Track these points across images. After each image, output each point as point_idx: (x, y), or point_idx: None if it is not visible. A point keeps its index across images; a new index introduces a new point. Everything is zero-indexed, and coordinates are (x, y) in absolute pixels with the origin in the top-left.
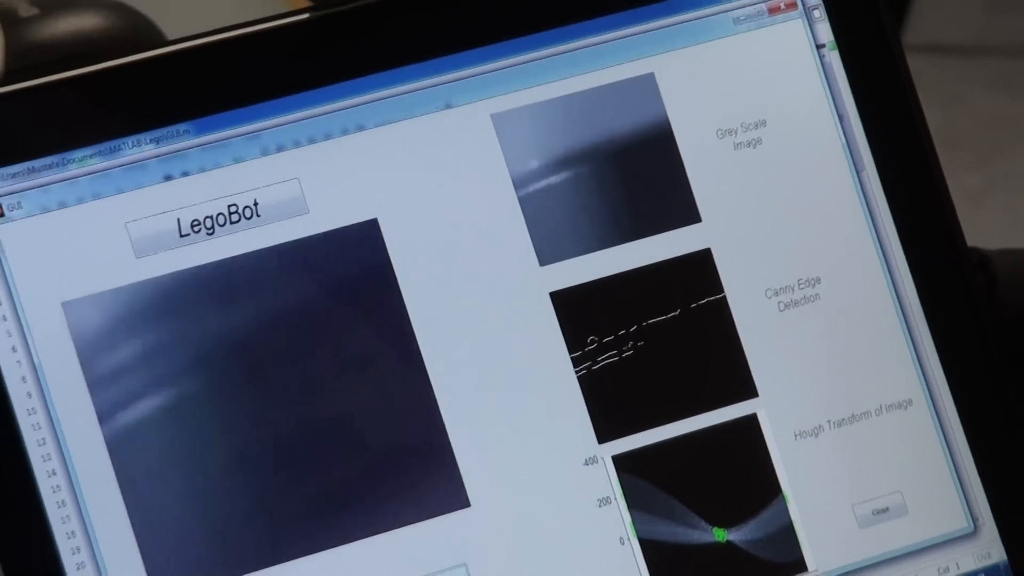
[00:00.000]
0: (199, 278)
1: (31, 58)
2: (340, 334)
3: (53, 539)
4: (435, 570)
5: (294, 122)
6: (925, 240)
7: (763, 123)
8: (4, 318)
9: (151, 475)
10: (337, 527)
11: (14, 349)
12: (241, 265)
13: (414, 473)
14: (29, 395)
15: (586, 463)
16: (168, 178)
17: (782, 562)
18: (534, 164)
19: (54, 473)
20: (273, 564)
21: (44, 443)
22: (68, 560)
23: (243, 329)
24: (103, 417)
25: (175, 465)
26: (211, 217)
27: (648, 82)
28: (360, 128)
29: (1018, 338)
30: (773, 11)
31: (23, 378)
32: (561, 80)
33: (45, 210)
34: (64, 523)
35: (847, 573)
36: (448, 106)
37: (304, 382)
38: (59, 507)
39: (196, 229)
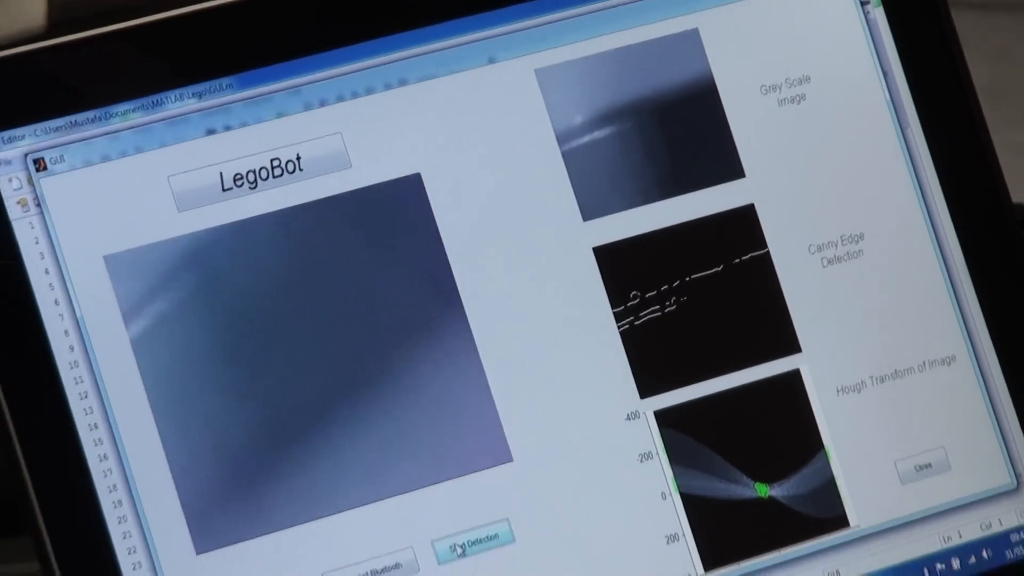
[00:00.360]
0: (242, 232)
1: (74, 12)
2: (382, 289)
3: (95, 490)
4: (477, 524)
5: (337, 77)
6: (969, 196)
7: (807, 79)
8: (47, 272)
9: (192, 430)
10: (380, 481)
11: (56, 303)
12: (284, 219)
13: (456, 427)
14: (71, 348)
15: (628, 418)
16: (211, 132)
17: (824, 517)
18: (578, 119)
19: (96, 427)
20: (316, 518)
21: (86, 396)
22: (105, 499)
23: (285, 283)
24: (145, 370)
25: (216, 418)
26: (254, 171)
27: (693, 38)
28: (403, 83)
29: None
30: None
31: (66, 332)
32: (605, 35)
33: (87, 164)
34: (106, 476)
35: (889, 529)
36: (492, 61)
37: (347, 337)
38: (101, 460)
39: (239, 183)
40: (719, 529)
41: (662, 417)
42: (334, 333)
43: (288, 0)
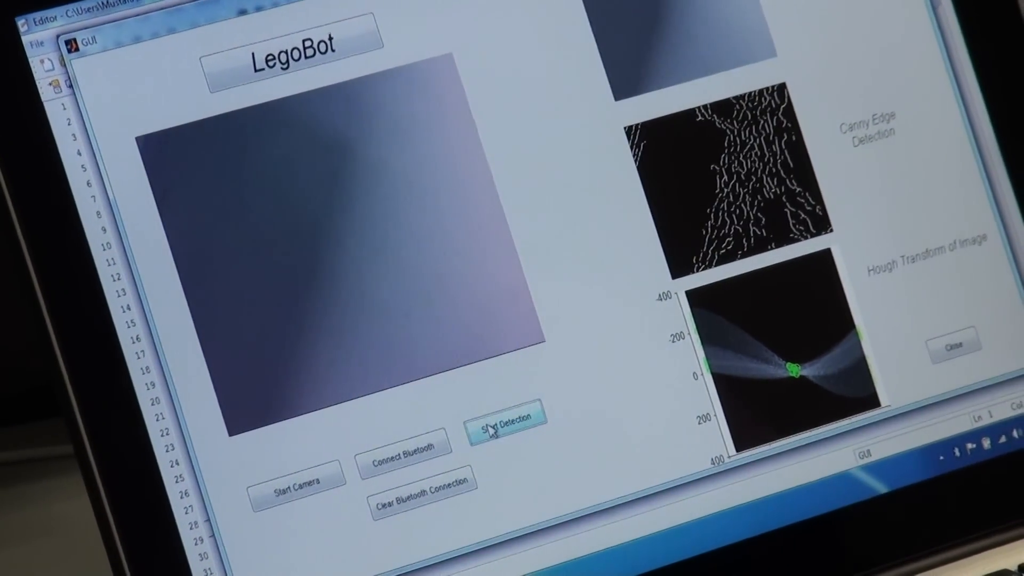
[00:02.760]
0: (274, 112)
1: None
2: (413, 170)
3: (129, 373)
4: (509, 405)
5: None
6: (1001, 74)
7: None
8: (79, 153)
9: (224, 313)
10: (411, 362)
11: (89, 184)
12: (315, 100)
13: (488, 308)
14: (104, 230)
15: (659, 298)
16: (243, 12)
17: (855, 397)
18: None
19: (128, 308)
20: (348, 400)
21: (119, 278)
22: (139, 381)
23: (316, 164)
24: (176, 252)
25: (247, 301)
26: (285, 52)
27: None
28: None
29: None
30: None
31: (98, 213)
32: None
33: (119, 45)
34: (139, 358)
35: (920, 408)
36: None
37: (377, 219)
38: (134, 342)
39: (270, 64)
40: (751, 409)
41: (694, 297)
42: (365, 216)
43: None
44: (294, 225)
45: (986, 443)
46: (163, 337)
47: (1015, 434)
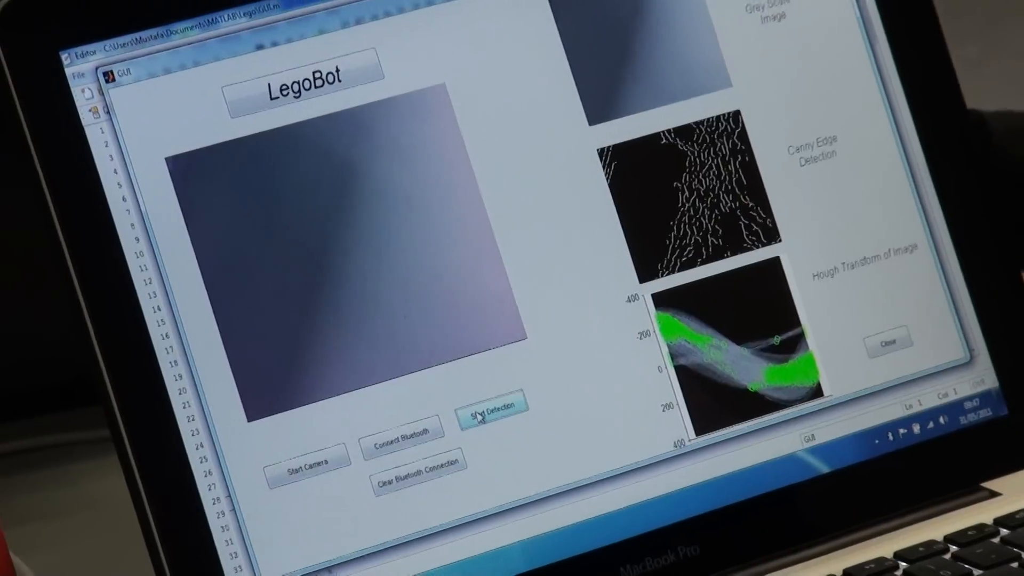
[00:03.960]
0: (288, 135)
1: None
2: (411, 186)
3: (159, 366)
4: (495, 395)
5: None
6: (930, 103)
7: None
8: (115, 172)
9: (243, 311)
10: (409, 357)
11: (124, 199)
12: (324, 124)
13: (477, 309)
14: (137, 240)
15: (628, 300)
16: (260, 47)
17: (801, 387)
18: (584, 36)
19: (159, 309)
20: (353, 390)
21: (151, 283)
22: (168, 373)
23: (325, 181)
24: (201, 259)
25: (264, 301)
26: (298, 82)
27: None
28: (430, 3)
29: (1009, 186)
30: None
31: (132, 225)
32: None
33: (151, 75)
34: (168, 353)
35: (858, 398)
36: None
37: (380, 228)
38: (163, 339)
39: (284, 93)
40: (709, 398)
41: (659, 299)
42: (369, 227)
43: None
44: (305, 235)
45: (916, 428)
46: (189, 335)
47: (941, 420)
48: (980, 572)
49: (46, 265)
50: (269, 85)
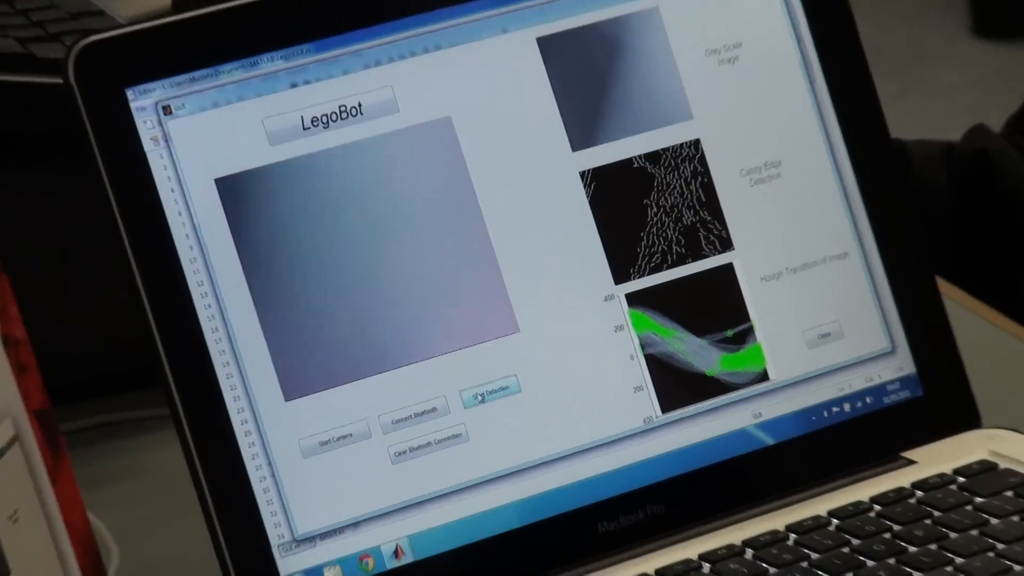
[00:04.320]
0: (318, 160)
1: None
2: (422, 202)
3: (209, 354)
4: (493, 379)
5: (388, 43)
6: (859, 132)
7: (739, 45)
8: (172, 190)
9: (281, 309)
10: (424, 347)
11: (180, 214)
12: (349, 150)
13: (479, 307)
14: (191, 248)
15: (605, 299)
16: (294, 85)
17: (751, 373)
18: (568, 76)
19: (210, 306)
20: (373, 375)
21: (202, 284)
22: (217, 361)
23: (349, 197)
24: (244, 261)
25: (298, 300)
26: (326, 115)
27: (655, 15)
28: (438, 48)
29: (924, 204)
30: None
31: (187, 235)
32: (587, 12)
33: (202, 109)
34: (217, 343)
35: (798, 381)
36: (504, 31)
37: (396, 239)
38: (214, 332)
39: (315, 124)
40: (673, 381)
41: (631, 298)
42: (387, 237)
43: None
44: (333, 244)
45: (847, 407)
46: (235, 329)
47: (867, 400)
48: (898, 527)
49: (116, 270)
50: (302, 117)
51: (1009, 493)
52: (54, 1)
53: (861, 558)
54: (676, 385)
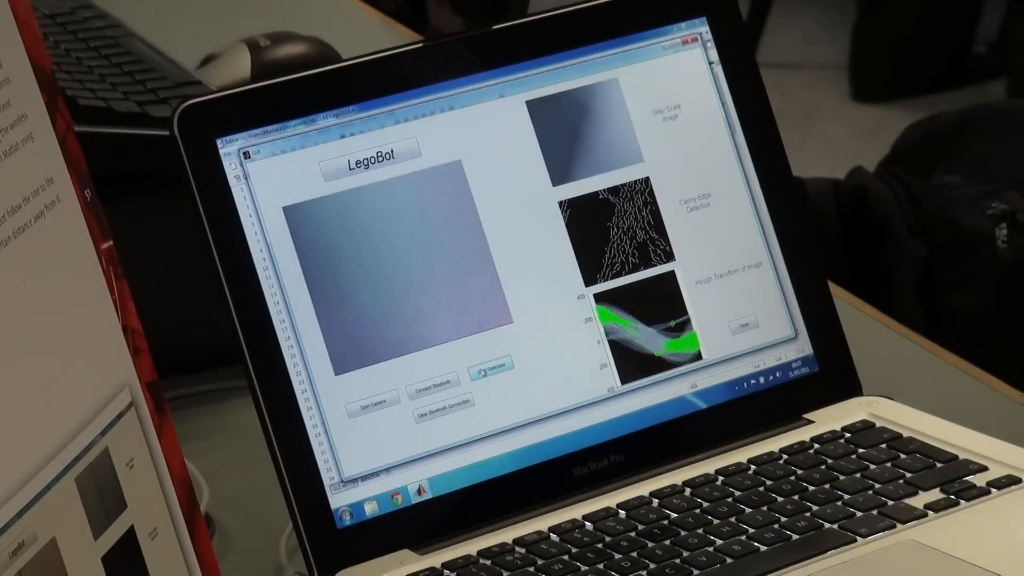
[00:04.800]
0: (360, 193)
1: (266, 69)
2: (440, 222)
3: (277, 339)
4: (493, 358)
5: (413, 105)
6: (769, 171)
7: (679, 106)
8: (250, 215)
9: (332, 305)
10: (440, 334)
11: (256, 233)
12: (383, 186)
13: (481, 303)
14: (264, 259)
15: (578, 298)
16: (343, 136)
17: (688, 353)
18: (549, 129)
19: (278, 303)
20: (401, 355)
21: (272, 287)
22: (284, 343)
23: (384, 221)
24: (304, 267)
25: (345, 297)
26: (367, 159)
27: (615, 83)
28: (451, 108)
29: (818, 225)
30: (685, 42)
31: (261, 250)
32: (564, 82)
33: (273, 154)
34: (283, 330)
35: (725, 360)
36: (501, 96)
37: (419, 252)
38: (281, 323)
39: (358, 165)
40: (630, 360)
41: (597, 297)
42: (411, 250)
43: (385, 63)
44: (371, 256)
45: (761, 380)
46: (297, 321)
47: (777, 375)
48: (800, 471)
49: (208, 276)
50: (348, 161)
51: (883, 445)
52: (163, 73)
53: (773, 495)
54: (632, 363)
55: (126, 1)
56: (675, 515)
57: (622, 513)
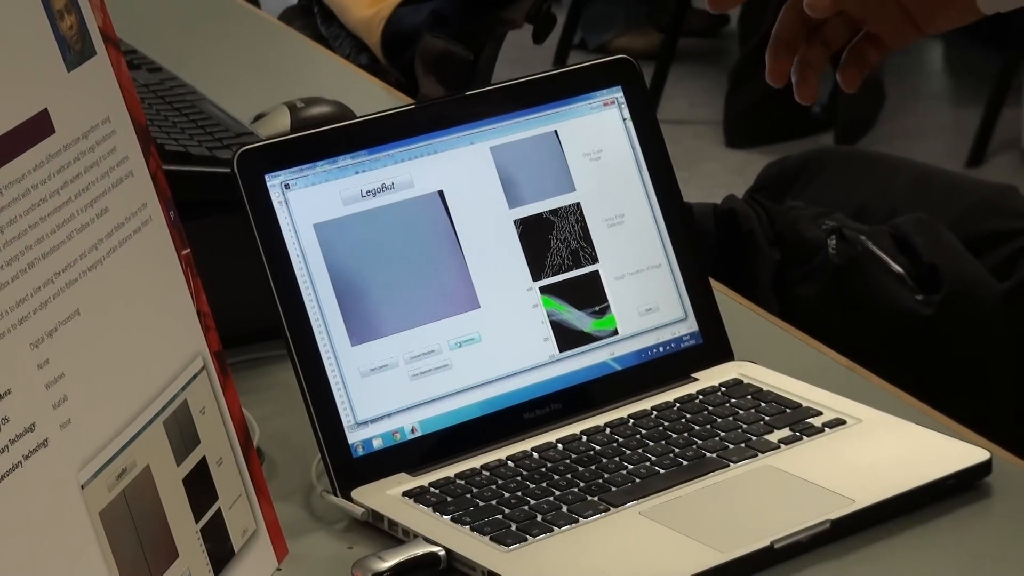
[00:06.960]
0: (369, 213)
1: (301, 124)
2: (426, 238)
3: (309, 319)
4: (466, 333)
5: (408, 150)
6: (666, 198)
7: (601, 151)
8: (290, 230)
9: (349, 295)
10: (426, 315)
11: (294, 243)
12: (386, 208)
13: (456, 293)
14: (300, 262)
15: (528, 290)
16: (357, 172)
17: (608, 330)
18: (507, 167)
19: (311, 294)
20: (401, 331)
21: (306, 283)
22: (315, 322)
23: (386, 234)
24: (330, 268)
25: (359, 288)
26: (374, 189)
27: (553, 135)
28: (435, 152)
29: (702, 238)
30: (605, 104)
31: (297, 256)
32: (517, 133)
33: (306, 185)
34: (312, 312)
35: (636, 334)
36: (471, 143)
37: (411, 257)
38: (311, 308)
39: (368, 194)
40: (567, 334)
41: (542, 289)
42: (406, 256)
43: (387, 120)
44: (377, 260)
45: (661, 349)
46: (324, 307)
47: (672, 345)
48: (688, 416)
49: (258, 275)
50: (360, 190)
51: (749, 397)
52: (226, 126)
53: (669, 433)
54: (567, 337)
55: (200, 75)
56: (598, 447)
57: (560, 446)
